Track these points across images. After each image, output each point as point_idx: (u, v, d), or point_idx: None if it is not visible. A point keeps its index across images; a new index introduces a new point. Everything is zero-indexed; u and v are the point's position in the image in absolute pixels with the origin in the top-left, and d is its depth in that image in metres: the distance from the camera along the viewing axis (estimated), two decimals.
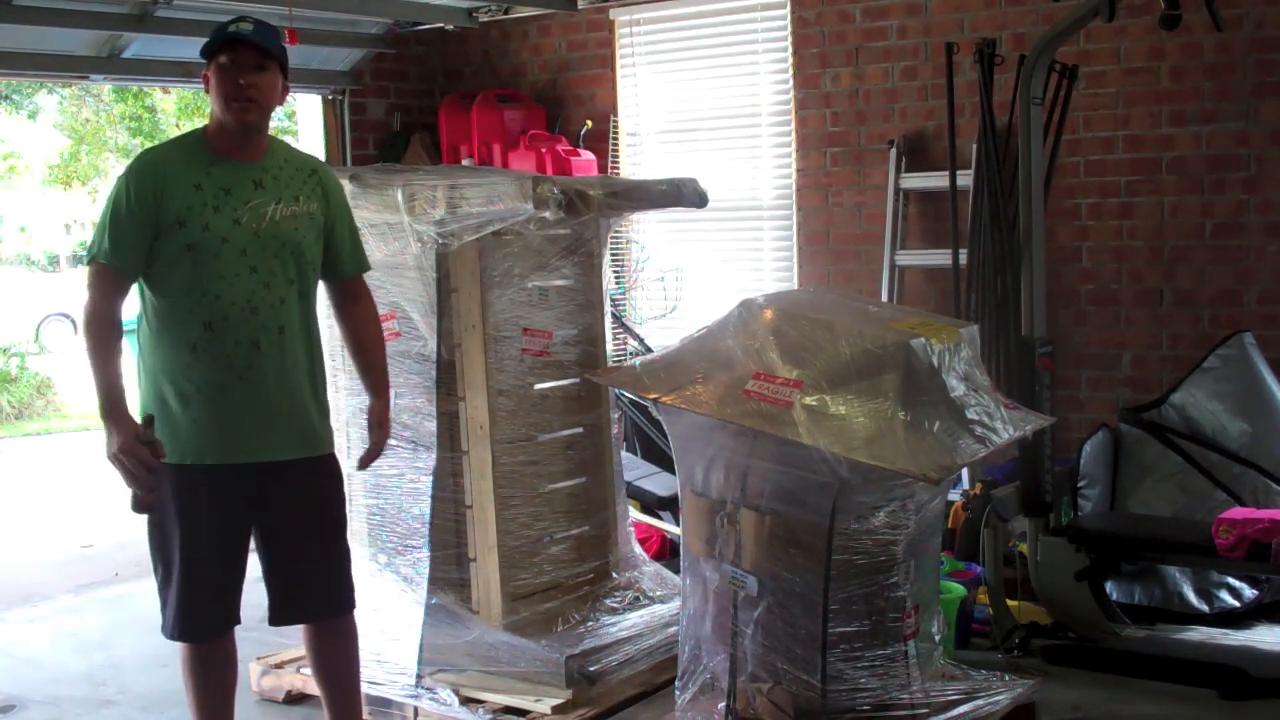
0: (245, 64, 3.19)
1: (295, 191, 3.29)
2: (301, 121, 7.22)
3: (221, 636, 3.35)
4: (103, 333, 3.13)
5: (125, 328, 3.19)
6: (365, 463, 3.59)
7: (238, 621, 3.37)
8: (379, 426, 3.58)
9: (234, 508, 3.25)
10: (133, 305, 3.26)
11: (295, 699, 4.26)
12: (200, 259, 3.15)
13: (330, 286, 3.52)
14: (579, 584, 4.44)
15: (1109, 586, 4.75)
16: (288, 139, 11.91)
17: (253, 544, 3.37)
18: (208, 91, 3.23)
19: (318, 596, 3.41)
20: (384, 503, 4.20)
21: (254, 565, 3.38)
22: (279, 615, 3.41)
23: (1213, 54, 5.24)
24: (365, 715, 4.01)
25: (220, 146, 3.23)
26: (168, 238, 3.14)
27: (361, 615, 4.10)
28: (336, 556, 3.44)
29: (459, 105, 6.91)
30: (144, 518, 3.20)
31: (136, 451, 3.02)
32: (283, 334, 3.25)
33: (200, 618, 3.28)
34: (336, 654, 3.48)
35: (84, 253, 3.26)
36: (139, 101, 15.58)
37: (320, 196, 3.36)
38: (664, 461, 5.81)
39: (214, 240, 3.16)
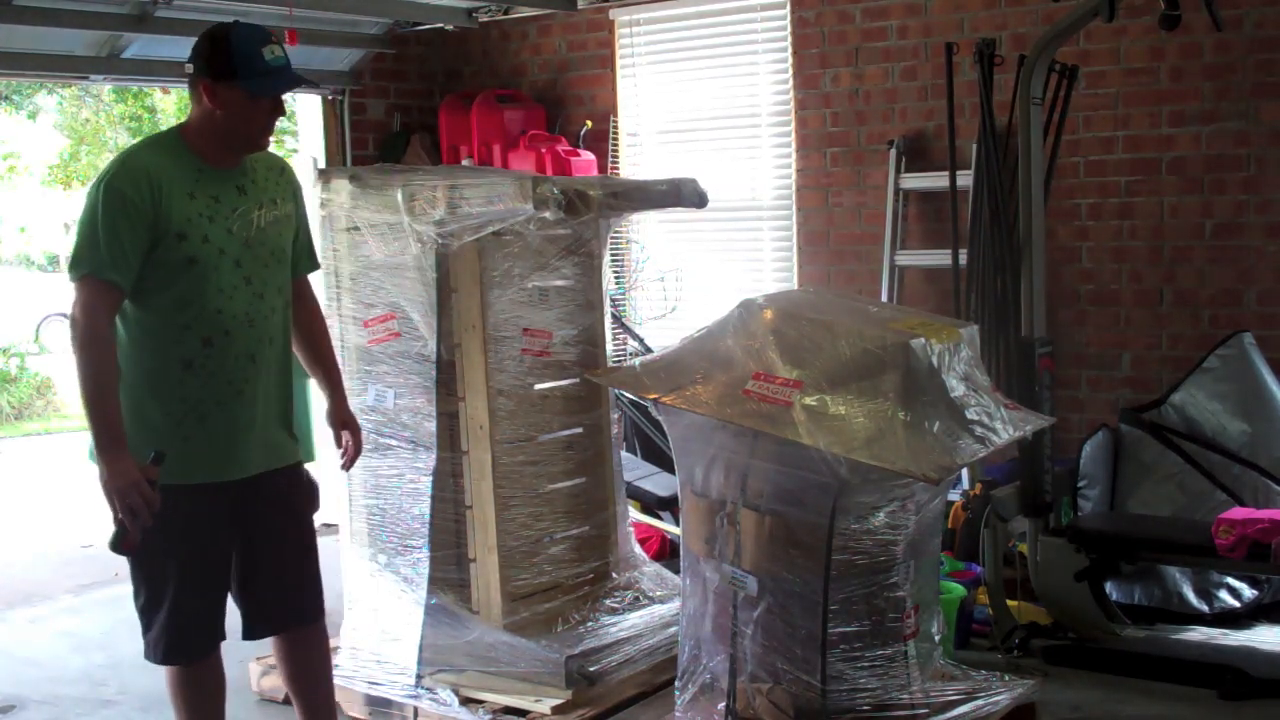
0: (282, 102, 3.14)
1: (273, 194, 3.20)
2: (301, 122, 7.22)
3: (212, 654, 3.26)
4: (104, 357, 2.93)
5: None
6: (350, 464, 3.55)
7: (224, 637, 3.28)
8: (348, 425, 3.51)
9: (222, 525, 3.16)
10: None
11: None
12: (201, 272, 3.01)
13: None
14: (579, 584, 4.44)
15: (1109, 586, 4.75)
16: (286, 139, 11.87)
17: None
18: (211, 103, 3.02)
19: (293, 607, 3.34)
20: (384, 503, 4.19)
21: None
22: (254, 629, 3.34)
23: (1213, 54, 5.25)
24: (366, 717, 4.03)
25: (204, 152, 3.08)
26: (166, 250, 2.97)
27: (361, 615, 4.12)
28: (311, 565, 3.37)
29: (459, 105, 6.91)
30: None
31: (144, 490, 2.90)
32: (272, 346, 3.18)
33: (193, 638, 3.19)
34: (309, 663, 3.41)
35: (70, 268, 2.98)
36: (139, 101, 15.58)
37: (291, 196, 3.28)
38: (664, 461, 5.81)
39: (213, 252, 3.03)
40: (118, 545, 2.95)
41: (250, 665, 4.32)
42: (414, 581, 4.06)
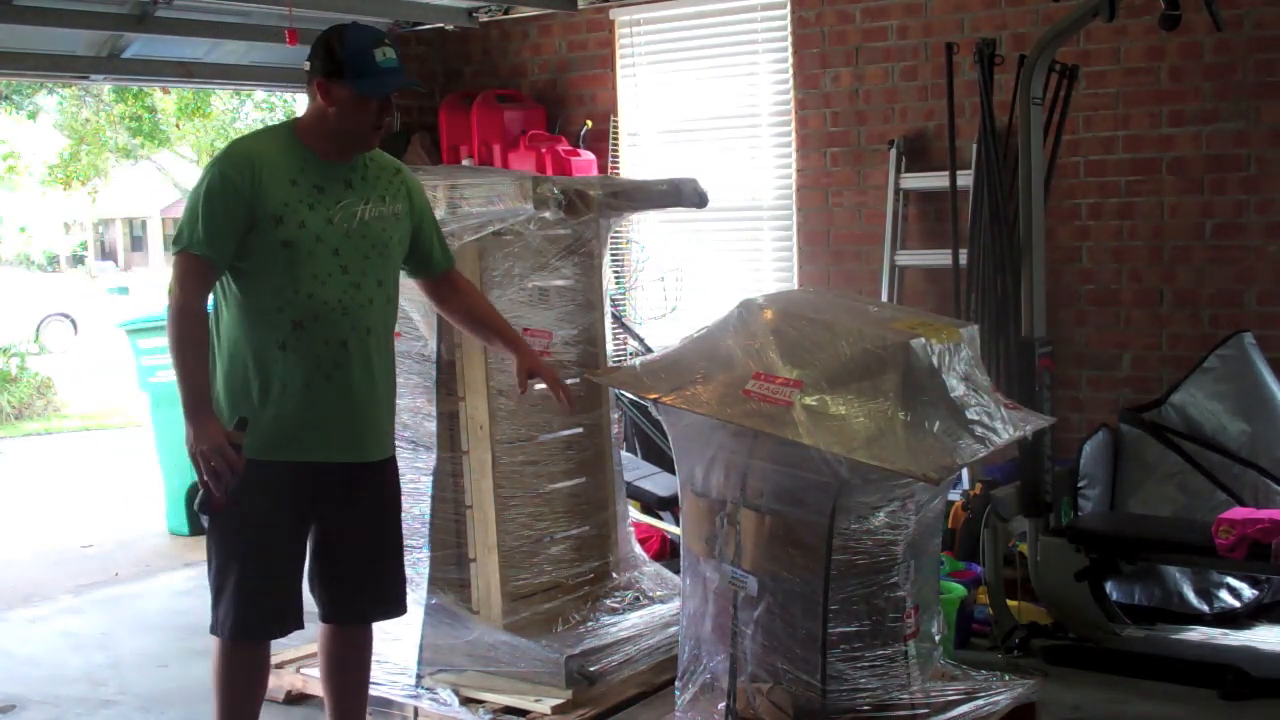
0: (392, 103, 3.23)
1: (382, 192, 3.28)
2: None
3: (282, 635, 3.29)
4: (194, 327, 3.07)
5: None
6: (570, 407, 3.71)
7: (300, 625, 3.28)
8: (536, 373, 3.61)
9: (303, 506, 3.22)
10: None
11: (295, 699, 4.26)
12: (295, 257, 3.10)
13: (427, 284, 3.56)
14: (579, 584, 4.44)
15: (1109, 586, 4.75)
16: None
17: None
18: (324, 101, 3.14)
19: (377, 597, 3.40)
20: None
21: None
22: (335, 612, 3.37)
23: (1213, 54, 5.25)
24: (366, 717, 4.02)
25: (315, 145, 3.18)
26: (262, 232, 3.08)
27: None
28: (390, 564, 3.43)
29: (459, 105, 6.92)
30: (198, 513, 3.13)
31: (227, 453, 2.98)
32: (369, 335, 3.23)
33: (260, 617, 3.22)
34: (352, 662, 3.45)
35: (172, 243, 3.17)
36: (139, 101, 15.61)
37: (405, 196, 3.35)
38: (664, 461, 5.81)
39: (309, 238, 3.11)
40: (205, 507, 3.05)
41: None
42: (414, 581, 4.05)
